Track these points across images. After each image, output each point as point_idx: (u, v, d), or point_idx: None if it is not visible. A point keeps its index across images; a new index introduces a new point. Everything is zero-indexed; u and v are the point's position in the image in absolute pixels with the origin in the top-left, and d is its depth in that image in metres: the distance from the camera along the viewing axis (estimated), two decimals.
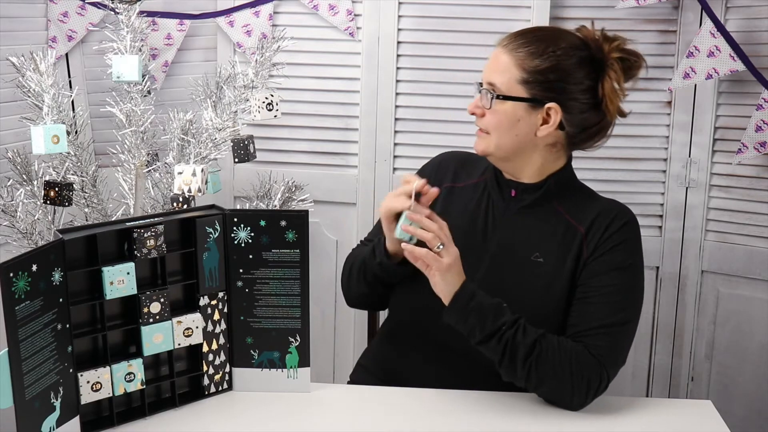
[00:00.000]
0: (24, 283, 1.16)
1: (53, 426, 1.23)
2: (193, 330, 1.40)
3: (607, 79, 1.45)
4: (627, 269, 1.45)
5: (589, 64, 1.45)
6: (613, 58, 1.45)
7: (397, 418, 1.38)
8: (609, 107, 1.46)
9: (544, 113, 1.45)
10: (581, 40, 1.48)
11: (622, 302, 1.43)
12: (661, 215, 2.33)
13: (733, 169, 2.23)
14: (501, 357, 1.38)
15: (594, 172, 2.32)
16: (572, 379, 1.38)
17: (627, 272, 1.45)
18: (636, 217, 1.51)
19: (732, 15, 2.17)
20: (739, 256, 2.27)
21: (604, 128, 1.51)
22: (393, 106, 2.35)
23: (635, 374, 2.42)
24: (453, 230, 1.42)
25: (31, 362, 1.18)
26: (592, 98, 1.46)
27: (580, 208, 1.50)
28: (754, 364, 2.29)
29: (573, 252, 1.46)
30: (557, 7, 2.26)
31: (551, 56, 1.44)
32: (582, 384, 1.38)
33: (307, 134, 2.42)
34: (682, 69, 2.17)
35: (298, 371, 1.45)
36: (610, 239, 1.46)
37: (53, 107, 1.90)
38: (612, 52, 1.46)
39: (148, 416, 1.37)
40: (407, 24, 2.32)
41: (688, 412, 1.44)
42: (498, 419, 1.38)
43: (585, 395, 1.39)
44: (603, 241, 1.46)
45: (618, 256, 1.45)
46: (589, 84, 1.45)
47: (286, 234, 1.41)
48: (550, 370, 1.38)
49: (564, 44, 1.45)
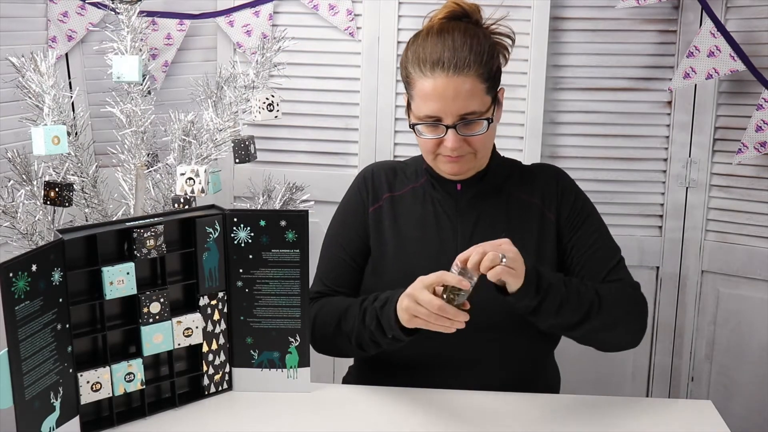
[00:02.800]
0: (24, 283, 1.16)
1: (53, 426, 1.23)
2: (193, 330, 1.40)
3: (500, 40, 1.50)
4: (591, 211, 1.55)
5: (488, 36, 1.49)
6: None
7: (397, 418, 1.38)
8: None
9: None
10: (472, 19, 1.49)
11: (607, 236, 1.55)
12: (661, 215, 2.33)
13: (733, 169, 2.23)
14: (582, 315, 1.39)
15: (594, 172, 2.32)
16: (638, 310, 1.48)
17: (593, 213, 1.55)
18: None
19: (732, 15, 2.17)
20: (739, 256, 2.27)
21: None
22: (393, 106, 2.35)
23: (635, 374, 2.42)
24: (409, 238, 1.48)
25: (31, 362, 1.18)
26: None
27: (522, 182, 1.55)
28: (754, 364, 2.29)
29: (537, 222, 1.51)
30: (557, 7, 2.26)
31: (487, 50, 1.42)
32: (644, 316, 1.49)
33: (307, 134, 2.42)
34: (682, 69, 2.17)
35: (298, 371, 1.45)
36: (564, 195, 1.53)
37: (54, 108, 1.90)
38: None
39: (148, 416, 1.37)
40: (407, 24, 2.32)
41: (688, 412, 1.44)
42: (498, 419, 1.38)
43: (644, 325, 1.49)
44: (560, 201, 1.52)
45: (578, 204, 1.54)
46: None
47: (286, 234, 1.41)
48: (620, 310, 1.44)
49: (476, 32, 1.45)
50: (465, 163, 1.46)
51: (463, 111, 1.39)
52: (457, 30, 1.43)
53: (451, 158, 1.44)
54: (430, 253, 1.49)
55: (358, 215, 1.56)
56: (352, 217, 1.57)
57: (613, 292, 1.45)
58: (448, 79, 1.38)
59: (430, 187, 1.54)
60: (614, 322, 1.43)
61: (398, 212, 1.54)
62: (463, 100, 1.39)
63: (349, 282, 1.56)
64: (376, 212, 1.55)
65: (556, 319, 1.37)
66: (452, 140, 1.40)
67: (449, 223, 1.51)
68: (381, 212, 1.55)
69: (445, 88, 1.38)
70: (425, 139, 1.44)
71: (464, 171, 1.48)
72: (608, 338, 1.47)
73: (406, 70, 1.46)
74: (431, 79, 1.39)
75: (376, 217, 1.55)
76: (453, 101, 1.38)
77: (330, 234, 1.60)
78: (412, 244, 1.51)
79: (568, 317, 1.37)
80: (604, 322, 1.41)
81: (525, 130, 2.28)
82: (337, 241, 1.58)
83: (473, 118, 1.41)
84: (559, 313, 1.36)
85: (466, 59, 1.39)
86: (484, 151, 1.47)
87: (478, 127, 1.42)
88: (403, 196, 1.56)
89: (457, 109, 1.39)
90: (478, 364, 1.48)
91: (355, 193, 1.59)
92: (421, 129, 1.43)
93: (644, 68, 2.27)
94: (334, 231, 1.60)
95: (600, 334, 1.44)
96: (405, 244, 1.52)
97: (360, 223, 1.55)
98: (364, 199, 1.57)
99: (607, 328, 1.43)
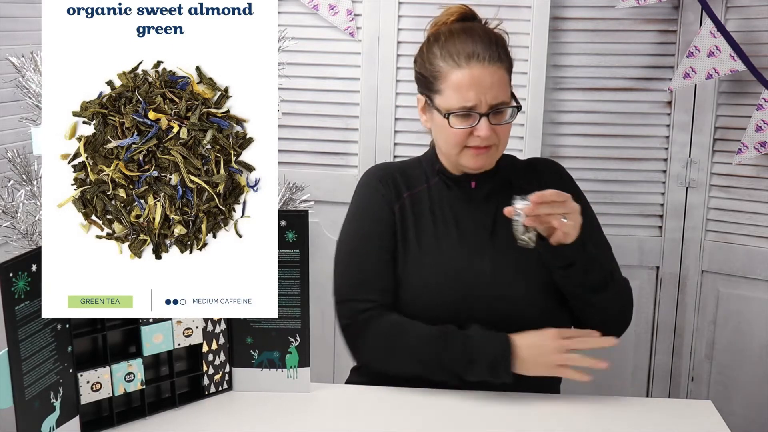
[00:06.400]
0: (24, 283, 1.16)
1: (53, 426, 1.23)
2: (193, 330, 1.40)
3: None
4: (587, 208, 1.57)
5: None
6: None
7: (397, 418, 1.38)
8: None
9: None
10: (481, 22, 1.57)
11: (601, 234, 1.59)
12: (661, 215, 2.33)
13: (733, 169, 2.23)
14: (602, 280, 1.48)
15: (594, 172, 2.32)
16: (630, 303, 1.58)
17: (588, 209, 1.57)
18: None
19: (732, 15, 2.17)
20: (739, 256, 2.27)
21: None
22: (393, 106, 2.35)
23: (635, 374, 2.42)
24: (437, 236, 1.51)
25: (31, 362, 1.18)
26: None
27: (526, 176, 1.59)
28: (754, 364, 2.29)
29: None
30: (557, 7, 2.26)
31: (506, 46, 1.51)
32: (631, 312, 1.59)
33: (307, 134, 2.42)
34: (682, 69, 2.17)
35: (298, 371, 1.45)
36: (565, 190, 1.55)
37: None
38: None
39: (148, 416, 1.37)
40: (407, 24, 2.32)
41: (688, 412, 1.44)
42: (497, 419, 1.38)
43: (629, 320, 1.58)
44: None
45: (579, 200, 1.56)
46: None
47: (286, 234, 1.41)
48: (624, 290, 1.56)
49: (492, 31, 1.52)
50: (490, 155, 1.50)
51: (497, 100, 1.45)
52: (479, 28, 1.52)
53: (479, 150, 1.48)
54: (456, 250, 1.52)
55: (384, 213, 1.54)
56: (381, 216, 1.54)
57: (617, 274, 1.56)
58: (484, 69, 1.44)
59: (445, 188, 1.56)
60: (620, 297, 1.54)
61: (419, 211, 1.55)
62: (497, 89, 1.45)
63: (392, 283, 1.53)
64: (402, 210, 1.55)
65: (585, 276, 1.45)
66: (485, 128, 1.45)
67: (470, 219, 1.53)
68: (405, 210, 1.54)
69: (482, 77, 1.44)
70: (456, 130, 1.46)
71: (487, 164, 1.52)
72: (612, 314, 1.54)
73: (433, 66, 1.48)
74: (467, 69, 1.45)
75: (402, 216, 1.54)
76: (489, 89, 1.44)
77: (358, 238, 1.56)
78: (441, 241, 1.52)
79: (593, 278, 1.46)
80: (615, 293, 1.52)
81: (525, 130, 2.28)
82: (373, 243, 1.53)
83: (504, 107, 1.47)
84: (588, 271, 1.44)
85: (497, 51, 1.47)
86: (505, 142, 1.52)
87: (506, 115, 1.48)
88: (420, 194, 1.56)
89: (492, 97, 1.45)
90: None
91: (373, 193, 1.57)
92: (453, 120, 1.46)
93: (644, 68, 2.27)
94: (365, 233, 1.55)
95: (610, 305, 1.52)
96: (434, 241, 1.52)
97: (390, 220, 1.54)
98: (386, 197, 1.55)
99: (615, 301, 1.53)
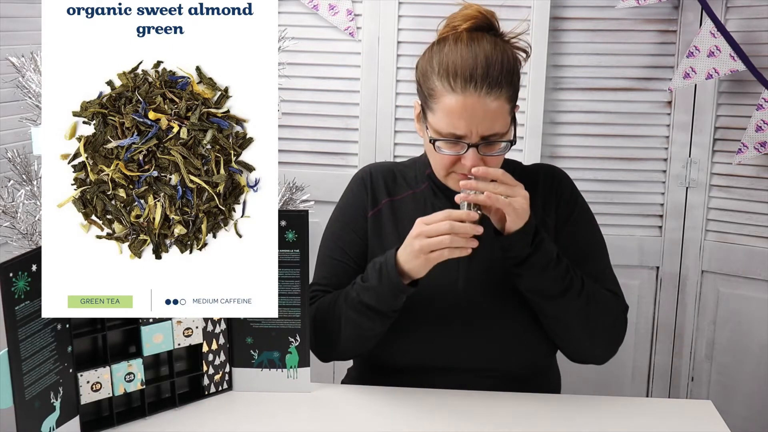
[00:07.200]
0: (24, 283, 1.16)
1: (53, 426, 1.23)
2: (193, 330, 1.40)
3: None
4: (590, 218, 1.54)
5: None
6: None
7: (397, 418, 1.38)
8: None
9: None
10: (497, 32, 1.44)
11: (601, 247, 1.53)
12: (661, 215, 2.34)
13: (733, 169, 2.23)
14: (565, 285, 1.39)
15: (594, 172, 2.32)
16: (616, 326, 1.48)
17: (590, 221, 1.54)
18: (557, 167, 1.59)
19: (732, 15, 2.17)
20: (739, 256, 2.27)
21: None
22: (393, 106, 2.35)
23: (635, 374, 2.42)
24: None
25: (31, 362, 1.18)
26: None
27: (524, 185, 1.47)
28: (754, 364, 2.29)
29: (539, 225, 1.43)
30: (557, 7, 2.26)
31: (514, 68, 1.38)
32: (619, 336, 1.49)
33: (307, 134, 2.42)
34: (682, 69, 2.17)
35: (298, 371, 1.45)
36: (560, 201, 1.51)
37: None
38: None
39: (148, 416, 1.37)
40: (407, 24, 2.32)
41: (688, 412, 1.44)
42: (498, 419, 1.38)
43: (615, 346, 1.49)
44: (557, 204, 1.51)
45: (576, 212, 1.52)
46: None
47: (286, 234, 1.41)
48: (599, 311, 1.43)
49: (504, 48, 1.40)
50: (477, 182, 1.39)
51: (489, 132, 1.35)
52: (488, 42, 1.38)
53: (465, 176, 1.37)
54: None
55: (358, 218, 1.54)
56: (353, 219, 1.54)
57: (600, 293, 1.44)
58: (479, 98, 1.33)
59: (431, 195, 1.52)
60: (588, 318, 1.41)
61: (398, 218, 1.52)
62: (490, 121, 1.34)
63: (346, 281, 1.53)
64: (376, 217, 1.53)
65: (540, 279, 1.37)
66: (472, 159, 1.35)
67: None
68: (381, 217, 1.52)
69: (475, 107, 1.33)
70: (442, 155, 1.39)
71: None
72: (577, 335, 1.44)
73: (429, 81, 1.38)
74: (461, 96, 1.34)
75: (376, 222, 1.52)
76: (481, 121, 1.34)
77: (329, 236, 1.57)
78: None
79: (550, 284, 1.37)
80: (580, 310, 1.40)
81: (525, 130, 2.28)
82: (337, 244, 1.54)
83: (496, 139, 1.36)
84: (544, 273, 1.36)
85: (498, 78, 1.34)
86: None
87: (498, 147, 1.39)
88: (403, 201, 1.53)
89: (485, 129, 1.35)
90: (479, 367, 1.48)
91: (353, 195, 1.56)
92: (440, 145, 1.38)
93: (644, 68, 2.28)
94: (334, 233, 1.56)
95: (572, 323, 1.41)
96: None
97: (360, 225, 1.53)
98: (363, 201, 1.54)
99: (581, 322, 1.41)
